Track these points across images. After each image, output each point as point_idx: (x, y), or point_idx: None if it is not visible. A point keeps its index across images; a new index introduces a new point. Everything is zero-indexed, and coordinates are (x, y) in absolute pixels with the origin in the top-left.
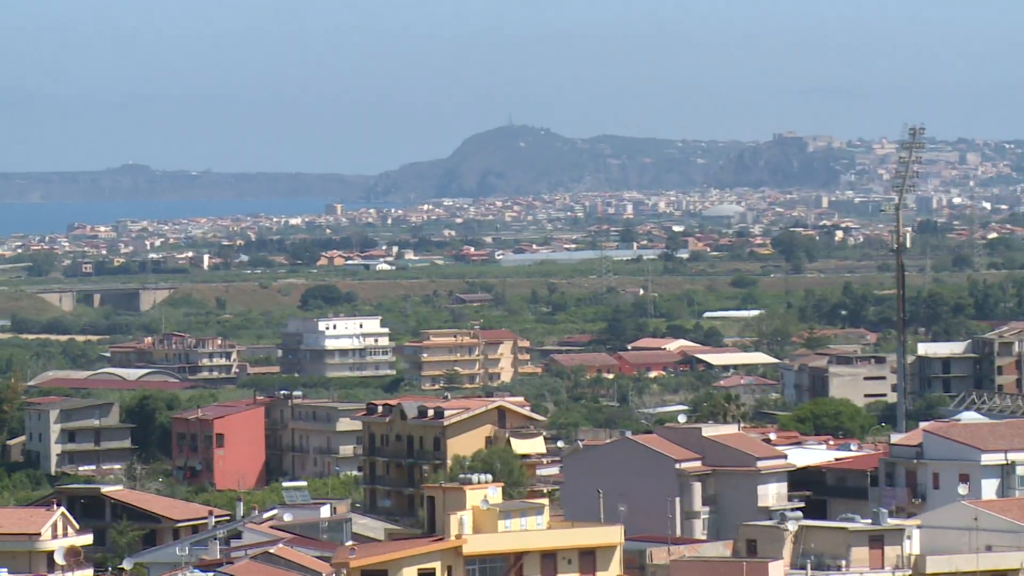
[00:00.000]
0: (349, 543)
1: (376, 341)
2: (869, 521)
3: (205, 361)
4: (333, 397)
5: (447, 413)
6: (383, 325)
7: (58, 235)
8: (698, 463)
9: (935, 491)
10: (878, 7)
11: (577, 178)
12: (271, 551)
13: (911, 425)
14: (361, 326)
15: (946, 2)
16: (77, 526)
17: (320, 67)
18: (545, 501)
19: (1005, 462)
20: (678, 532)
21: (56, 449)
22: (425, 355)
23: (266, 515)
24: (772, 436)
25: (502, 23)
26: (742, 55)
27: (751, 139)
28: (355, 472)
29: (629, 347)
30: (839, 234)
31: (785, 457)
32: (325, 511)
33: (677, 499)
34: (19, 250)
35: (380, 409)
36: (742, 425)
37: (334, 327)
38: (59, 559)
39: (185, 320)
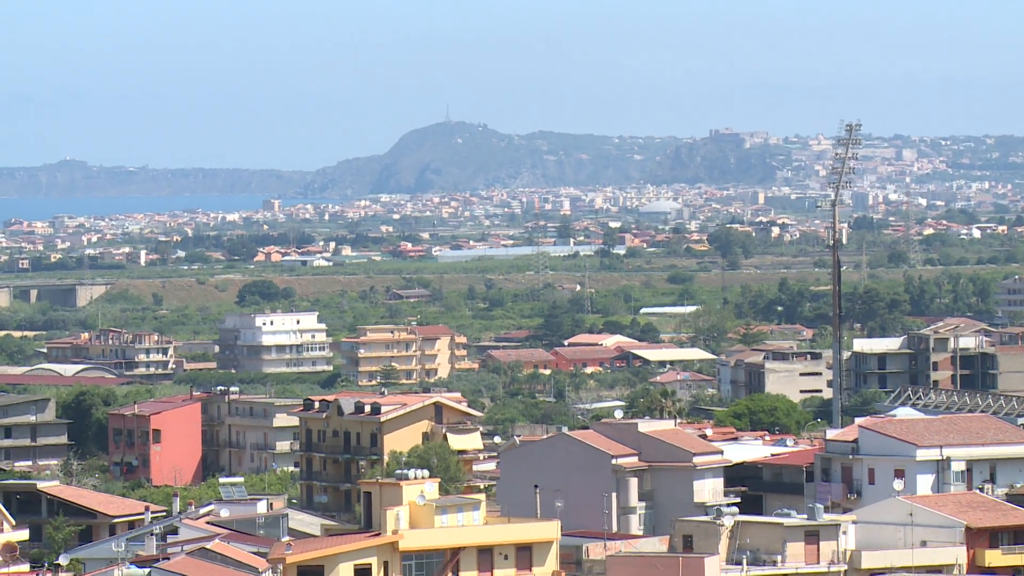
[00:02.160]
0: (286, 539)
1: (313, 337)
2: (805, 517)
3: (142, 357)
4: (270, 393)
5: (384, 409)
6: (320, 321)
7: None
8: (634, 459)
9: (870, 487)
10: (815, 4)
11: (514, 174)
12: (208, 547)
13: (847, 421)
14: (298, 322)
15: None
16: (13, 522)
17: (258, 63)
18: (482, 497)
19: (940, 458)
20: (614, 527)
21: None
22: (362, 351)
23: (203, 511)
24: (708, 432)
25: (440, 19)
26: (679, 51)
27: (688, 135)
28: (292, 468)
29: (566, 343)
30: (775, 230)
31: (721, 453)
32: (262, 507)
33: (613, 495)
34: None
35: (317, 405)
36: (678, 421)
37: (271, 323)
38: None
39: (122, 316)
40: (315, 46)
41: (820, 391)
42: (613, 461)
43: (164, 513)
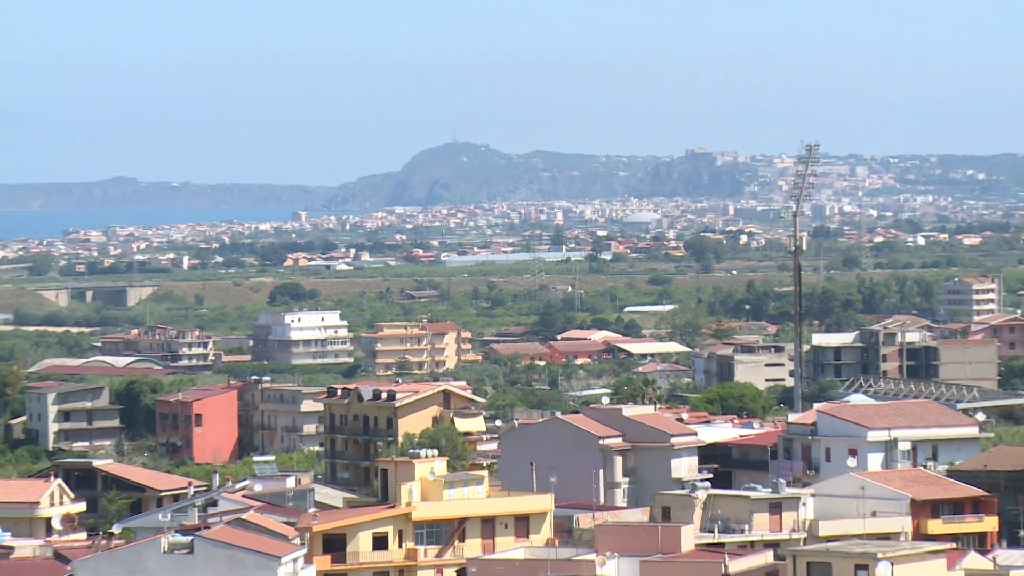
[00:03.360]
0: (312, 510)
1: (336, 332)
2: (769, 490)
3: (185, 350)
4: (298, 382)
5: (398, 396)
6: (342, 318)
7: (55, 239)
8: (619, 439)
9: (827, 464)
10: (778, 37)
11: (513, 189)
12: (243, 517)
13: (806, 406)
14: (323, 319)
15: (837, 32)
16: (72, 495)
17: (288, 90)
18: (484, 473)
19: (888, 438)
20: (601, 500)
21: (53, 428)
22: (379, 345)
23: (239, 485)
24: (684, 416)
25: (448, 51)
26: (659, 80)
27: (666, 154)
28: (317, 448)
29: (559, 337)
30: (743, 238)
31: (695, 434)
32: (291, 482)
33: (600, 471)
34: (20, 252)
35: (339, 392)
36: (658, 406)
37: (299, 320)
38: (56, 524)
39: (167, 314)
40: (338, 75)
41: (783, 380)
42: (600, 442)
43: (205, 488)
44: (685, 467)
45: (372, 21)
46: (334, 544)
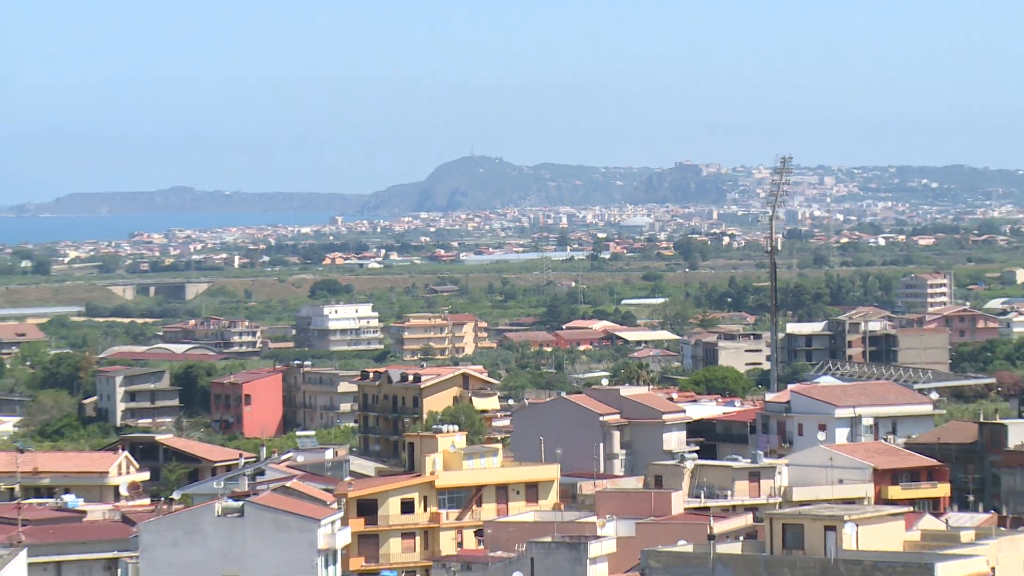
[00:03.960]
0: (347, 479)
1: (368, 323)
2: (749, 461)
3: (236, 338)
4: (335, 366)
5: (423, 378)
6: (374, 310)
7: (121, 241)
8: (617, 416)
9: (800, 437)
10: (756, 63)
11: (523, 196)
12: (287, 485)
13: (781, 386)
14: (357, 311)
15: (808, 58)
16: (137, 466)
17: (327, 109)
18: (499, 446)
19: (854, 415)
20: (601, 470)
21: (121, 407)
22: (406, 333)
23: (283, 457)
24: (674, 395)
25: (467, 76)
26: (651, 101)
27: (658, 166)
28: (352, 424)
29: (564, 327)
30: (726, 239)
31: (684, 411)
32: (329, 454)
33: (600, 444)
34: (91, 252)
35: (371, 375)
36: (651, 387)
37: (336, 312)
38: (123, 491)
39: (220, 306)
40: (371, 96)
41: (760, 364)
42: (600, 418)
43: (253, 459)
44: (675, 440)
45: (401, 49)
46: (367, 508)
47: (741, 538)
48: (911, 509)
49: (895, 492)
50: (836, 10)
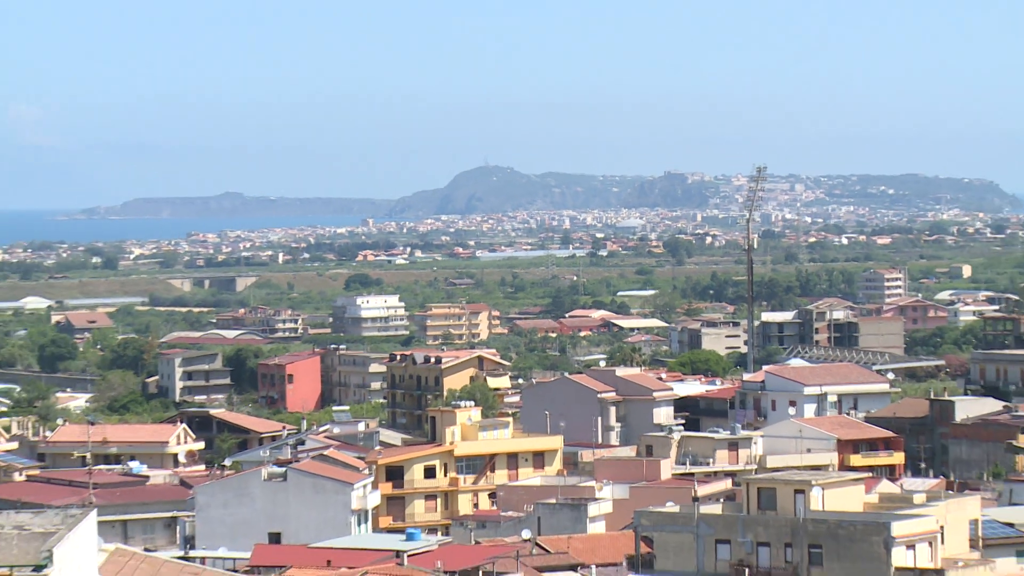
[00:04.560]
0: (377, 448)
1: (396, 312)
2: (728, 433)
3: (280, 325)
4: (366, 349)
5: (444, 360)
6: (400, 301)
7: (180, 240)
8: (613, 394)
9: (773, 412)
10: (735, 82)
11: (531, 201)
12: (325, 453)
13: (756, 367)
14: (385, 301)
15: (780, 79)
16: (193, 436)
17: (360, 123)
18: (510, 420)
19: (820, 393)
20: (599, 440)
21: (179, 384)
22: (429, 321)
23: (321, 429)
24: (663, 375)
25: (483, 94)
26: (644, 116)
27: (649, 174)
28: (381, 400)
29: (566, 316)
30: (708, 239)
31: (671, 389)
32: (361, 426)
33: (599, 418)
34: (153, 250)
35: (398, 358)
36: (642, 368)
37: (367, 302)
38: (181, 459)
39: (266, 297)
40: (398, 112)
41: (738, 347)
42: (598, 396)
43: (295, 430)
44: (663, 415)
45: (425, 72)
46: (394, 474)
47: (721, 500)
48: (870, 475)
49: (856, 460)
50: (806, 38)
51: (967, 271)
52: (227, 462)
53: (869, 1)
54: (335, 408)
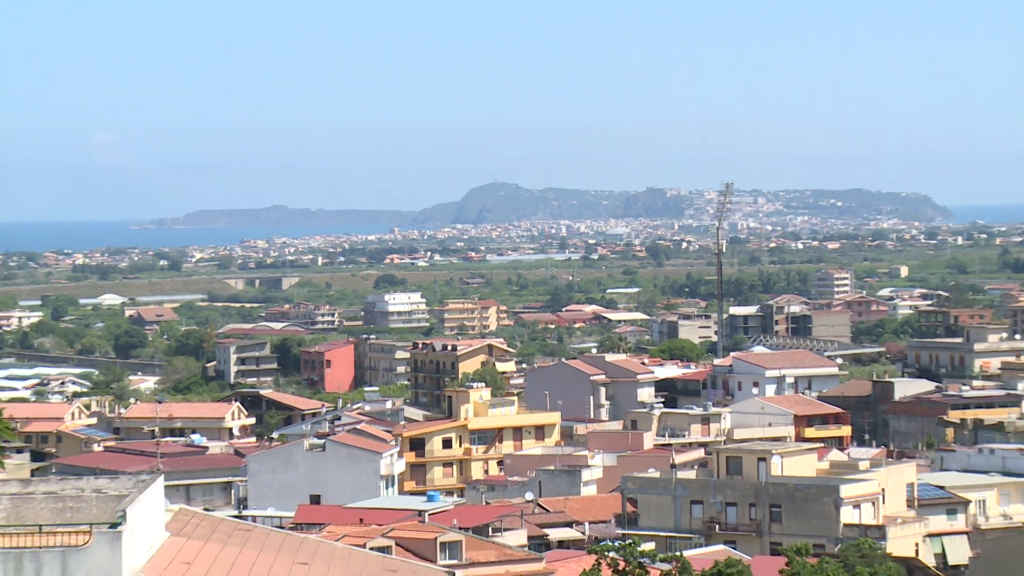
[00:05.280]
0: (402, 423)
1: (418, 307)
2: (701, 409)
3: (319, 318)
4: (393, 339)
5: (459, 348)
6: (422, 297)
7: (234, 246)
8: (603, 376)
9: (739, 392)
10: (705, 110)
11: (533, 212)
12: (358, 427)
13: (725, 354)
14: (409, 298)
15: (743, 107)
16: (246, 413)
17: (386, 145)
18: (515, 398)
19: (779, 375)
20: (591, 416)
21: (234, 369)
22: (446, 315)
23: (355, 407)
24: (645, 360)
25: (491, 121)
26: (630, 139)
27: (634, 189)
28: (405, 382)
29: (563, 310)
30: (684, 244)
31: (653, 372)
32: (388, 404)
33: (591, 397)
34: (211, 254)
35: (420, 346)
36: (628, 354)
37: (394, 299)
38: (235, 432)
39: (308, 295)
40: (420, 138)
41: (710, 337)
42: (591, 378)
43: (333, 408)
44: (646, 394)
45: (444, 102)
46: (417, 445)
47: (695, 467)
48: (822, 445)
49: (810, 432)
50: (768, 73)
51: (904, 271)
52: (274, 435)
53: (817, 46)
54: (366, 389)
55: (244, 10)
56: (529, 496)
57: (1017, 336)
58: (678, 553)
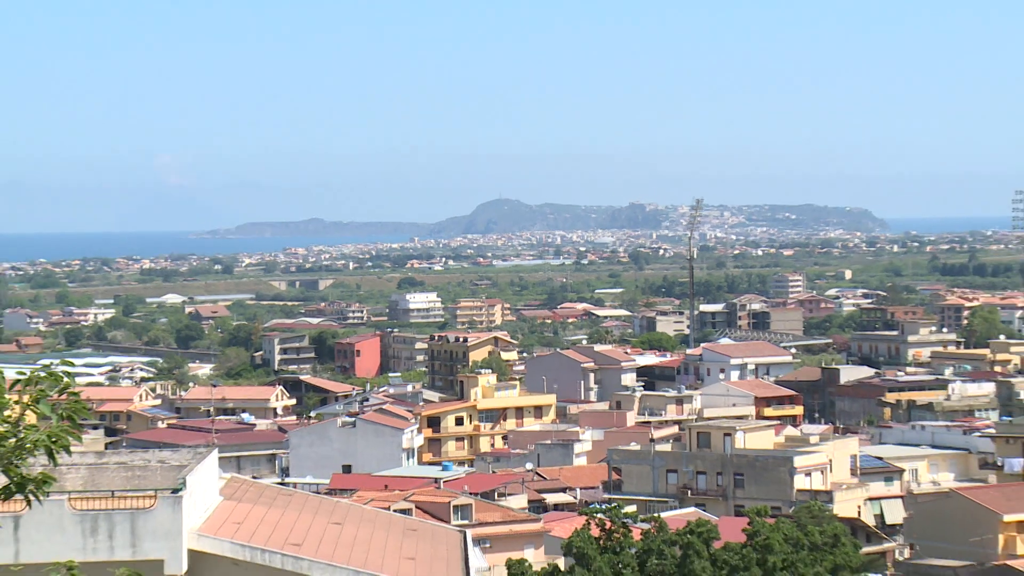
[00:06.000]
0: (421, 403)
1: (435, 305)
2: (676, 392)
3: (351, 314)
4: (413, 332)
5: (469, 340)
6: (438, 297)
7: (278, 253)
8: (592, 363)
9: (708, 377)
10: (677, 136)
11: (533, 224)
12: (383, 407)
13: (696, 344)
14: (427, 298)
15: (711, 132)
16: (288, 395)
17: (407, 167)
18: (517, 383)
19: (742, 363)
20: (582, 397)
21: (277, 357)
22: (458, 311)
23: (380, 390)
24: (628, 350)
25: (498, 146)
26: (615, 161)
27: (618, 204)
28: (424, 369)
29: (558, 307)
30: (661, 252)
31: (634, 360)
32: (409, 388)
33: (582, 381)
34: (259, 260)
35: (436, 338)
36: (613, 345)
37: (414, 298)
38: (279, 412)
39: (340, 294)
40: (437, 161)
41: (683, 330)
42: (581, 365)
43: (362, 391)
44: (629, 379)
45: (456, 130)
46: (433, 422)
47: (671, 441)
48: (778, 423)
49: (768, 411)
50: (731, 105)
51: (848, 275)
52: (312, 414)
53: (774, 83)
54: (390, 375)
55: (286, 53)
56: (529, 466)
57: (944, 330)
58: (656, 514)
